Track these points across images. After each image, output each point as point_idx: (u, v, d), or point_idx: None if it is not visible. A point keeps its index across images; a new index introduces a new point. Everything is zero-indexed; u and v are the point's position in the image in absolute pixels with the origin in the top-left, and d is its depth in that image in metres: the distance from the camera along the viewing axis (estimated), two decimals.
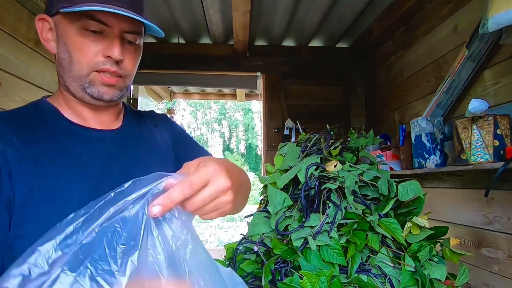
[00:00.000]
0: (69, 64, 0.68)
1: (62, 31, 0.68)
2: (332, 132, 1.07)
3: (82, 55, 0.67)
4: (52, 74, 1.86)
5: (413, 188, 0.86)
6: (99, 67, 0.68)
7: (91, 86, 0.69)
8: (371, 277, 0.79)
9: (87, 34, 0.66)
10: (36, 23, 0.70)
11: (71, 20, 0.65)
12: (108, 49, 0.67)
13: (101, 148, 0.73)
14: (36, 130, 0.68)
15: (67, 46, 0.67)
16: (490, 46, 1.41)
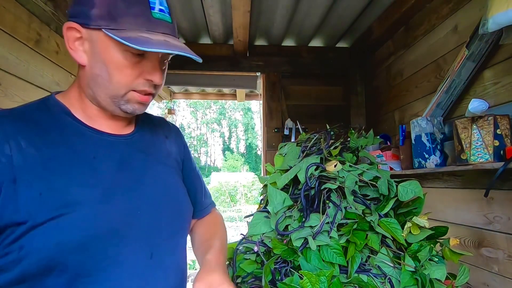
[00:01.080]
0: (107, 82, 0.67)
1: (101, 48, 0.65)
2: (332, 132, 1.07)
3: (123, 76, 0.66)
4: (52, 74, 1.86)
5: (413, 188, 0.86)
6: (138, 88, 0.69)
7: (126, 104, 0.70)
8: (371, 277, 0.79)
9: (129, 57, 0.65)
10: (63, 31, 0.68)
11: (115, 41, 0.63)
12: (150, 73, 0.68)
13: (113, 153, 0.72)
14: (46, 131, 0.66)
15: (107, 65, 0.66)
16: (490, 46, 1.41)
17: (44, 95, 0.76)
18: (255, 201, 14.81)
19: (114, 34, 0.61)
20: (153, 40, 0.62)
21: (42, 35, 1.78)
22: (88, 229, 0.63)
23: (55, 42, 1.91)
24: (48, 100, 0.72)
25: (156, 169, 0.79)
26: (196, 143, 37.70)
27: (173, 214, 0.79)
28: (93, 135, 0.72)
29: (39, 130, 0.65)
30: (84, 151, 0.68)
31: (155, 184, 0.77)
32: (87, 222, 0.63)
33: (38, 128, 0.66)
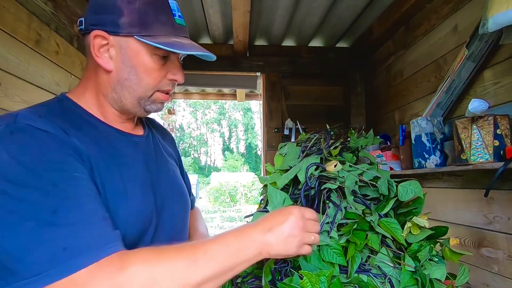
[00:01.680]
0: (136, 85, 0.71)
1: (131, 54, 0.70)
2: (332, 132, 1.07)
3: (152, 79, 0.72)
4: (52, 74, 1.86)
5: (413, 188, 0.85)
6: (162, 88, 0.74)
7: (151, 104, 0.75)
8: (371, 277, 0.79)
9: (157, 60, 0.71)
10: (91, 38, 0.71)
11: (145, 46, 0.69)
12: (174, 74, 0.75)
13: (137, 153, 0.77)
14: (82, 130, 0.68)
15: (136, 69, 0.70)
16: (490, 46, 1.41)
17: (44, 95, 0.77)
18: (255, 201, 14.81)
19: (150, 41, 0.66)
20: (184, 43, 0.70)
21: (42, 35, 1.78)
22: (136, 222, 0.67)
23: (55, 42, 1.91)
24: (64, 101, 0.73)
25: (167, 168, 0.85)
26: (196, 143, 37.70)
27: (183, 209, 0.87)
28: (118, 135, 0.76)
29: (76, 128, 0.67)
30: (117, 149, 0.72)
31: (168, 182, 0.83)
32: (134, 214, 0.67)
33: (75, 126, 0.67)
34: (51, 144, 0.58)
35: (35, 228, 0.50)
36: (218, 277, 0.58)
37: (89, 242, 0.51)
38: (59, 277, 0.48)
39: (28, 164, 0.54)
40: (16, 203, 0.51)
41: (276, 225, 0.65)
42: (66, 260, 0.49)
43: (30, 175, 0.53)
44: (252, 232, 0.64)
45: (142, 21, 0.68)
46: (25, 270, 0.48)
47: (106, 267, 0.50)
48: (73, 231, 0.51)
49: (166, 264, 0.53)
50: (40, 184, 0.52)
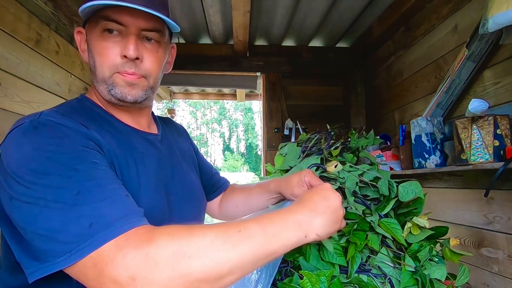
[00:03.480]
0: (95, 69, 0.70)
1: (89, 38, 0.71)
2: (332, 133, 1.07)
3: (103, 58, 0.68)
4: (52, 74, 1.86)
5: (414, 189, 0.85)
6: (119, 69, 0.68)
7: (114, 88, 0.70)
8: (371, 277, 0.79)
9: (107, 37, 0.67)
10: (75, 36, 0.74)
11: (93, 26, 0.68)
12: (123, 49, 0.67)
13: (152, 151, 0.77)
14: (102, 127, 0.69)
15: (92, 52, 0.70)
16: (490, 46, 1.41)
17: (44, 95, 0.78)
18: None
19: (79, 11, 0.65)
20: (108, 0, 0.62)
21: (42, 35, 1.78)
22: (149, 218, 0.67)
23: (55, 42, 1.91)
24: (83, 101, 0.74)
25: (181, 168, 0.85)
26: (196, 143, 37.64)
27: (195, 209, 0.87)
28: (135, 133, 0.76)
29: (98, 125, 0.68)
30: (136, 146, 0.73)
31: (181, 181, 0.83)
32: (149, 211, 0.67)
33: (97, 124, 0.68)
34: (72, 136, 0.59)
35: (61, 210, 0.51)
36: (252, 263, 0.53)
37: (114, 216, 0.52)
38: (87, 252, 0.49)
39: (50, 153, 0.55)
40: (42, 190, 0.52)
41: (320, 205, 0.62)
42: (92, 235, 0.50)
43: (53, 164, 0.54)
44: (296, 214, 0.59)
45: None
46: (57, 249, 0.50)
47: (133, 239, 0.50)
48: (98, 208, 0.52)
49: (195, 238, 0.51)
50: (62, 170, 0.54)
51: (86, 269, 0.49)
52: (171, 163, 0.81)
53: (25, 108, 1.62)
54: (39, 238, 0.51)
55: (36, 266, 0.51)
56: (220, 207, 1.04)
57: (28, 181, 0.53)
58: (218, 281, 0.50)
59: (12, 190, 0.54)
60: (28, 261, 0.53)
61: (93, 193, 0.53)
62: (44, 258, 0.51)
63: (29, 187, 0.53)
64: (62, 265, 0.50)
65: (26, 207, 0.52)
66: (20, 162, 0.55)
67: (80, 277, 0.51)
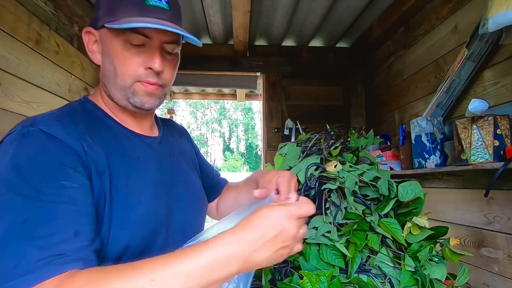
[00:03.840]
0: (114, 76, 0.70)
1: (107, 44, 0.70)
2: (332, 132, 1.07)
3: (125, 67, 0.69)
4: (52, 74, 1.86)
5: (413, 189, 0.85)
6: (142, 79, 0.70)
7: (134, 96, 0.71)
8: (371, 277, 0.79)
9: (130, 47, 0.68)
10: (83, 36, 0.72)
11: (115, 34, 0.68)
12: (150, 61, 0.69)
13: (151, 155, 0.77)
14: (100, 132, 0.69)
15: (112, 58, 0.69)
16: (490, 46, 1.41)
17: (44, 95, 0.78)
18: None
19: (111, 24, 0.65)
20: (139, 20, 0.64)
21: (42, 35, 1.78)
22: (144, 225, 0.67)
23: (55, 42, 1.91)
24: (85, 103, 0.75)
25: (182, 169, 0.85)
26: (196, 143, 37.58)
27: (198, 211, 0.87)
28: (133, 137, 0.76)
29: (94, 130, 0.68)
30: (131, 152, 0.72)
31: (183, 184, 0.83)
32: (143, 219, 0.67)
33: (92, 128, 0.68)
34: (52, 151, 0.58)
35: (4, 237, 0.50)
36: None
37: (41, 260, 0.49)
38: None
39: (21, 168, 0.55)
40: (1, 207, 0.52)
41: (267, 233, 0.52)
42: (14, 278, 0.48)
43: (19, 180, 0.54)
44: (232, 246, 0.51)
45: (110, 8, 0.67)
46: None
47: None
48: (31, 246, 0.50)
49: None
50: (24, 189, 0.53)
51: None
52: (171, 165, 0.81)
53: (25, 108, 1.62)
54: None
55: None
56: (217, 208, 1.04)
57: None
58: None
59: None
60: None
61: (39, 226, 0.51)
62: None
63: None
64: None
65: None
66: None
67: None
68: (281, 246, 0.53)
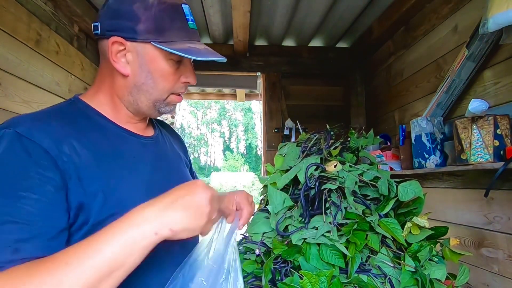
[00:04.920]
0: (152, 89, 0.74)
1: (148, 59, 0.72)
2: (332, 132, 1.07)
3: (167, 82, 0.75)
4: (52, 74, 1.86)
5: (413, 188, 0.85)
6: (177, 91, 0.78)
7: (166, 106, 0.78)
8: (371, 277, 0.79)
9: (172, 64, 0.74)
10: (109, 44, 0.71)
11: (160, 51, 0.71)
12: (188, 76, 0.77)
13: (146, 154, 0.78)
14: (88, 132, 0.69)
15: (152, 73, 0.73)
16: (490, 46, 1.41)
17: (44, 95, 0.78)
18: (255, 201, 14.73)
19: (167, 47, 0.69)
20: (200, 49, 0.72)
21: (42, 35, 1.78)
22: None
23: (55, 42, 1.91)
24: (76, 103, 0.74)
25: (176, 170, 0.87)
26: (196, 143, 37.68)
27: None
28: (128, 136, 0.77)
29: (82, 131, 0.68)
30: (125, 152, 0.73)
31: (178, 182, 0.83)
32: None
33: (81, 129, 0.68)
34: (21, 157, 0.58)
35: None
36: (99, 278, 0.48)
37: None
38: None
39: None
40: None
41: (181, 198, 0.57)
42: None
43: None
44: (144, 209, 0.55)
45: (159, 28, 0.70)
46: None
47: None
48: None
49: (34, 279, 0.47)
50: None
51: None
52: (166, 165, 0.82)
53: (25, 108, 1.62)
54: None
55: None
56: None
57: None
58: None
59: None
60: None
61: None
62: None
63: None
64: None
65: None
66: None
67: None
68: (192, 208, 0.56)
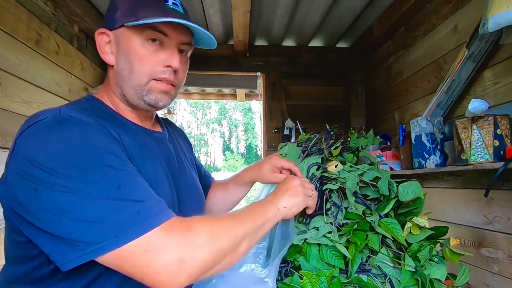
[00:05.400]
0: (129, 74, 0.72)
1: (124, 43, 0.71)
2: (332, 132, 1.07)
3: (143, 65, 0.71)
4: (52, 74, 1.86)
5: (414, 189, 0.85)
6: (158, 76, 0.72)
7: (149, 94, 0.73)
8: (371, 277, 0.79)
9: (148, 45, 0.71)
10: (96, 37, 0.74)
11: (135, 32, 0.70)
12: (168, 59, 0.72)
13: (160, 149, 0.80)
14: (114, 125, 0.70)
15: (128, 57, 0.71)
16: (490, 46, 1.41)
17: (44, 95, 0.78)
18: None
19: (130, 23, 0.68)
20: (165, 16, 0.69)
21: (42, 35, 1.78)
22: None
23: (55, 42, 1.91)
24: (93, 101, 0.75)
25: (184, 166, 0.88)
26: (196, 143, 37.68)
27: (200, 206, 0.92)
28: (144, 132, 0.78)
29: (110, 124, 0.69)
30: (145, 145, 0.75)
31: (186, 179, 0.86)
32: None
33: (109, 123, 0.69)
34: (97, 132, 0.62)
35: (105, 200, 0.54)
36: (254, 232, 0.67)
37: (155, 206, 0.57)
38: (137, 235, 0.53)
39: (85, 149, 0.57)
40: (81, 183, 0.54)
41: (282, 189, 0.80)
42: (141, 221, 0.54)
43: (89, 159, 0.57)
44: (268, 199, 0.77)
45: (131, 10, 0.70)
46: (101, 234, 0.53)
47: (177, 226, 0.57)
48: (141, 199, 0.57)
49: (219, 222, 0.63)
50: (99, 166, 0.57)
51: (134, 256, 0.53)
52: (177, 161, 0.84)
53: (25, 108, 1.62)
54: (80, 224, 0.53)
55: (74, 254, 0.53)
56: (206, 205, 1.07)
57: (63, 173, 0.54)
58: (236, 250, 0.63)
59: (39, 180, 0.54)
60: (62, 251, 0.54)
61: (133, 187, 0.58)
62: (83, 245, 0.52)
63: (64, 178, 0.54)
64: (106, 249, 0.52)
65: (63, 196, 0.53)
66: (51, 155, 0.56)
67: (123, 265, 0.54)
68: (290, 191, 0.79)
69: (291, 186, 0.80)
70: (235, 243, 0.62)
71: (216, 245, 0.59)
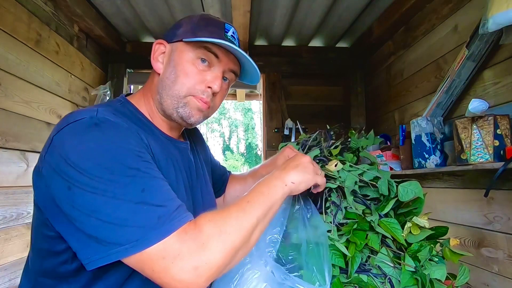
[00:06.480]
0: (172, 83, 0.76)
1: (176, 56, 0.76)
2: (332, 132, 1.07)
3: (187, 79, 0.75)
4: (52, 74, 1.86)
5: (413, 189, 0.85)
6: (197, 94, 0.76)
7: (184, 107, 0.77)
8: (371, 277, 0.79)
9: (198, 64, 0.76)
10: (153, 45, 0.80)
11: (189, 49, 0.75)
12: (212, 81, 0.76)
13: (183, 159, 0.82)
14: (145, 131, 0.73)
15: (176, 69, 0.75)
16: (490, 46, 1.41)
17: (44, 95, 0.79)
18: None
19: (190, 38, 0.73)
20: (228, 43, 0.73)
21: (42, 35, 1.78)
22: None
23: (55, 42, 1.91)
24: (126, 105, 0.78)
25: (203, 178, 0.91)
26: None
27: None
28: (170, 142, 0.81)
29: (141, 129, 0.72)
30: (170, 154, 0.77)
31: (202, 191, 0.89)
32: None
33: (139, 128, 0.72)
34: (130, 136, 0.64)
35: (129, 203, 0.56)
36: (263, 217, 0.67)
37: (175, 211, 0.59)
38: (156, 240, 0.55)
39: (115, 151, 0.60)
40: (109, 184, 0.57)
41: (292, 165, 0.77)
42: (161, 226, 0.56)
43: (118, 161, 0.59)
44: (275, 175, 0.75)
45: (193, 30, 0.76)
46: (127, 236, 0.55)
47: (190, 232, 0.58)
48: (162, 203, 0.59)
49: (226, 218, 0.62)
50: (126, 169, 0.59)
51: (153, 261, 0.55)
52: (196, 173, 0.87)
53: (25, 108, 1.62)
54: (105, 226, 0.55)
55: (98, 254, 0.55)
56: (224, 201, 1.11)
57: (93, 174, 0.57)
58: (249, 241, 0.64)
59: (72, 179, 0.57)
60: (88, 250, 0.56)
61: (156, 191, 0.60)
62: (108, 246, 0.55)
63: (93, 179, 0.56)
64: (128, 252, 0.54)
65: (92, 197, 0.56)
66: (84, 155, 0.58)
67: (144, 268, 0.56)
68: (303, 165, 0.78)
69: (301, 162, 0.78)
70: (246, 236, 0.63)
71: (228, 246, 0.59)
